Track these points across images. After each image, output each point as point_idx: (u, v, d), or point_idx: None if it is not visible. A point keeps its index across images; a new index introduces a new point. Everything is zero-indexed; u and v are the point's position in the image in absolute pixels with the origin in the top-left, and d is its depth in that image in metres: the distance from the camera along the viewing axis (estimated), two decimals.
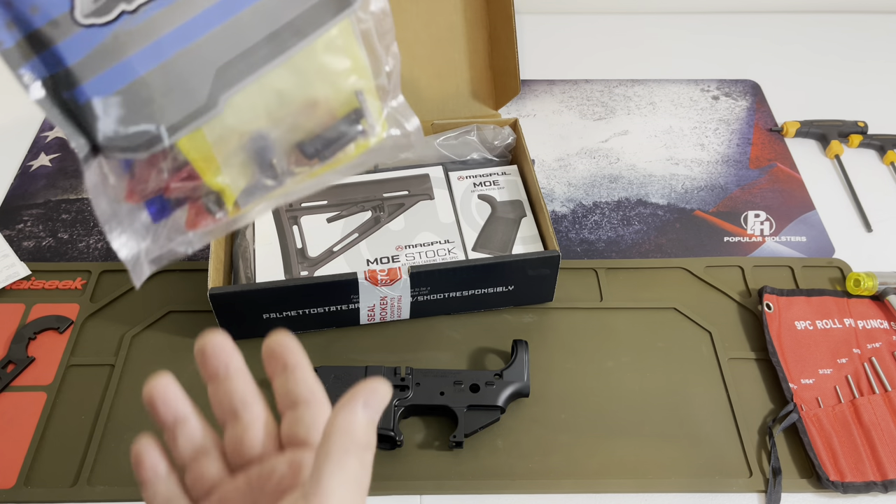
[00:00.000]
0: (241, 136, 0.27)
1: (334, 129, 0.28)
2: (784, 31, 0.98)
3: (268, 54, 0.26)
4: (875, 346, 0.62)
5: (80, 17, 0.24)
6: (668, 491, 0.54)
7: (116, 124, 0.25)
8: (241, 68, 0.25)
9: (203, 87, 0.25)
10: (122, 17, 0.24)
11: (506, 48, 0.73)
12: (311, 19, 0.26)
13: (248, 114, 0.26)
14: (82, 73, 0.24)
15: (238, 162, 0.27)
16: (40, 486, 0.54)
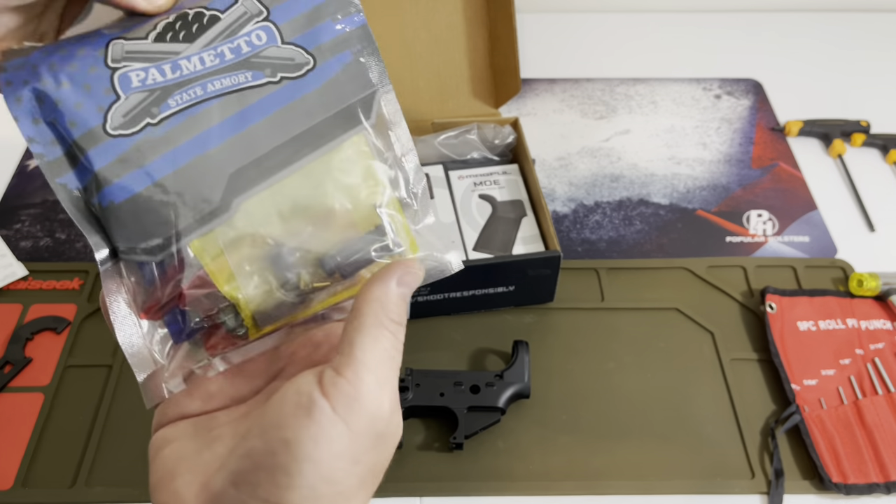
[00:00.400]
0: (254, 243, 0.27)
1: (355, 244, 0.27)
2: (786, 30, 0.97)
3: (279, 163, 0.27)
4: (878, 346, 0.62)
5: (110, 129, 0.26)
6: (669, 492, 0.54)
7: (133, 227, 0.26)
8: (253, 174, 0.27)
9: (216, 192, 0.26)
10: (146, 129, 0.26)
11: (506, 47, 0.72)
12: (322, 133, 0.27)
13: (262, 220, 0.27)
14: (105, 178, 0.26)
15: (254, 271, 0.27)
16: (38, 488, 0.53)
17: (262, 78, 0.27)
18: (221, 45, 0.27)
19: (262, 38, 0.27)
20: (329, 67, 0.28)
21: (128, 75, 0.26)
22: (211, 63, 0.27)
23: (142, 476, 0.54)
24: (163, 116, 0.26)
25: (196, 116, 0.26)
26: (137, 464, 0.55)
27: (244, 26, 0.27)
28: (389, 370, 0.25)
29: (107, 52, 0.27)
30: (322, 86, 0.28)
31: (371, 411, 0.24)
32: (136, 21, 0.28)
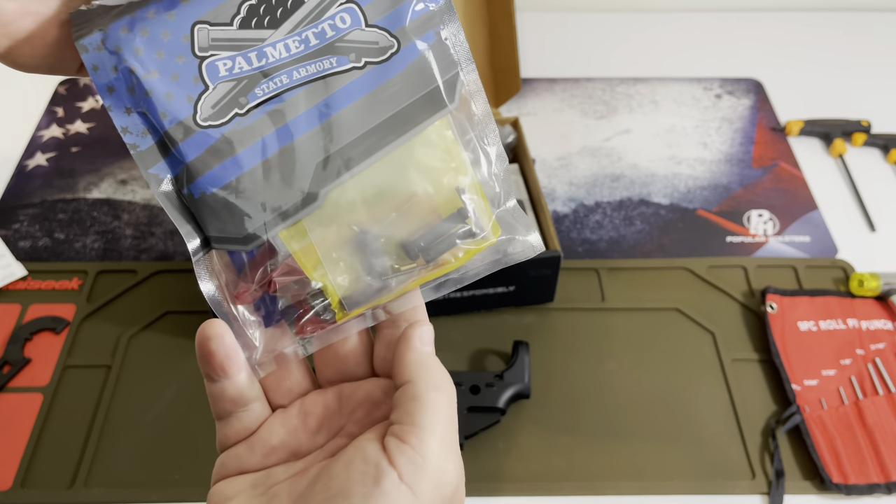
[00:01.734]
0: (340, 230, 0.27)
1: (438, 229, 0.28)
2: (787, 30, 0.97)
3: (365, 151, 0.27)
4: (879, 346, 0.62)
5: (200, 121, 0.26)
6: (669, 493, 0.54)
7: (224, 217, 0.27)
8: (339, 163, 0.27)
9: (303, 182, 0.27)
10: (234, 119, 0.26)
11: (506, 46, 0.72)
12: (406, 118, 0.28)
13: (347, 207, 0.27)
14: (197, 169, 0.26)
15: (340, 258, 0.27)
16: (37, 489, 0.53)
17: (346, 63, 0.27)
18: (306, 30, 0.27)
19: (346, 22, 0.27)
20: (413, 50, 0.27)
21: (215, 64, 0.26)
22: (296, 50, 0.27)
23: (140, 477, 0.54)
24: (251, 106, 0.26)
25: (283, 106, 0.26)
26: (136, 464, 0.55)
27: (328, 9, 0.27)
28: (451, 432, 0.25)
29: (193, 38, 0.26)
30: (406, 69, 0.27)
31: (437, 477, 0.24)
32: None
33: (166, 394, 0.59)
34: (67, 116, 0.83)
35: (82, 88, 0.86)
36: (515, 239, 0.30)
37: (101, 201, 0.74)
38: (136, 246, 0.70)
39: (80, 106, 0.84)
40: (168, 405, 0.58)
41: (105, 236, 0.70)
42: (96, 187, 0.76)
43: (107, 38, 0.26)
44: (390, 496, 0.23)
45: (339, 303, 0.28)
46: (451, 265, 0.29)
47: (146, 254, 0.69)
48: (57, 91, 0.86)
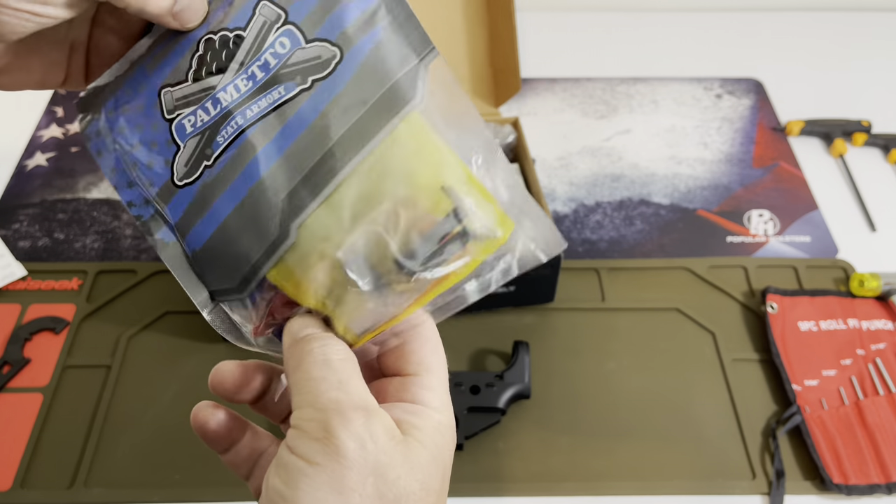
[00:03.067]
0: (323, 260, 0.26)
1: (429, 236, 0.25)
2: (788, 30, 0.97)
3: (328, 172, 0.26)
4: (879, 346, 0.62)
5: (178, 181, 0.27)
6: (670, 493, 0.54)
7: (216, 270, 0.27)
8: (305, 193, 0.26)
9: (274, 221, 0.26)
10: (205, 172, 0.27)
11: (506, 45, 0.72)
12: (365, 127, 0.26)
13: (323, 235, 0.26)
14: (184, 229, 0.27)
15: (331, 284, 0.26)
16: (37, 489, 0.53)
17: (294, 88, 0.26)
18: (251, 65, 0.27)
19: (286, 46, 0.26)
20: (358, 52, 0.26)
21: (182, 123, 0.27)
22: (245, 88, 0.27)
23: (140, 477, 0.54)
24: (216, 156, 0.27)
25: (242, 146, 0.26)
26: (136, 464, 0.55)
27: (267, 38, 0.26)
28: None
29: (161, 103, 0.28)
30: (354, 75, 0.26)
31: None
32: (168, 47, 0.28)
33: (166, 394, 0.58)
34: (67, 116, 0.83)
35: None
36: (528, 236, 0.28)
37: (101, 201, 0.74)
38: (136, 246, 0.70)
39: None
40: (168, 405, 0.58)
41: (105, 236, 0.70)
42: (96, 187, 0.75)
43: (100, 123, 0.28)
44: None
45: (345, 328, 0.27)
46: (456, 276, 0.26)
47: (146, 254, 0.69)
48: (57, 91, 0.86)
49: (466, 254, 0.26)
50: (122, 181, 0.28)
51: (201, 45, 0.27)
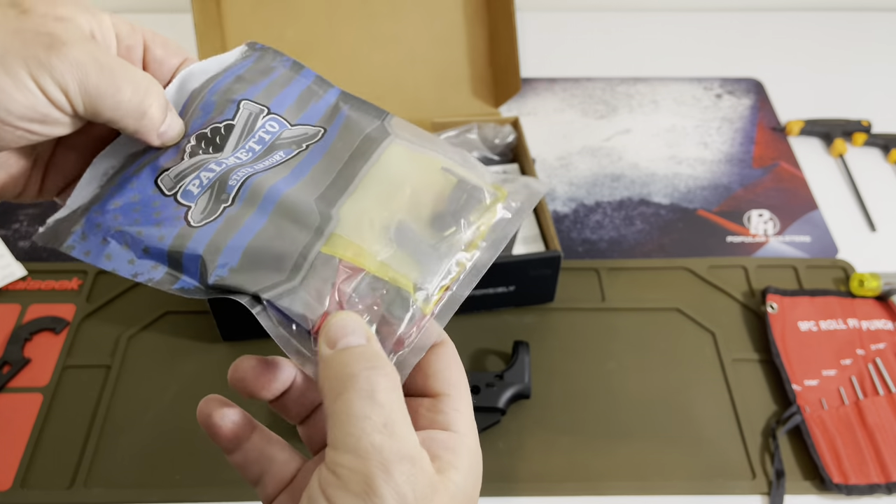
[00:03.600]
0: (371, 225, 0.29)
1: (453, 198, 0.30)
2: (787, 29, 0.97)
3: (347, 178, 0.30)
4: (879, 346, 0.62)
5: (195, 223, 0.28)
6: (670, 493, 0.54)
7: (261, 268, 0.28)
8: (333, 192, 0.29)
9: (313, 213, 0.29)
10: (225, 211, 0.28)
11: (506, 45, 0.72)
12: (363, 150, 0.31)
13: (364, 210, 0.29)
14: (214, 250, 0.28)
15: (385, 245, 0.28)
16: (36, 489, 0.53)
17: (292, 152, 0.31)
18: (246, 142, 0.30)
19: (275, 127, 0.31)
20: (336, 126, 0.32)
21: (187, 189, 0.29)
22: (246, 157, 0.30)
23: (140, 477, 0.54)
24: (233, 195, 0.28)
25: (257, 184, 0.29)
26: (136, 464, 0.54)
27: (256, 122, 0.31)
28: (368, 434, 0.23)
29: (159, 188, 0.29)
30: (338, 136, 0.31)
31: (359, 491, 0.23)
32: (154, 152, 0.30)
33: (166, 394, 0.58)
34: None
35: None
36: (528, 185, 0.32)
37: None
38: None
39: None
40: (168, 405, 0.58)
41: None
42: None
43: (85, 228, 0.28)
44: None
45: (413, 287, 0.27)
46: (481, 235, 0.30)
47: None
48: None
49: (482, 213, 0.30)
50: (120, 263, 0.28)
51: (192, 139, 0.30)
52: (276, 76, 0.33)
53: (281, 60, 0.34)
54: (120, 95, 0.27)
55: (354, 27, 0.74)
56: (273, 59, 0.33)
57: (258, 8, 0.72)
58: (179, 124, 0.30)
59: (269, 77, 0.33)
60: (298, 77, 0.33)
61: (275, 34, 0.73)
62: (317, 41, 0.73)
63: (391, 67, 0.75)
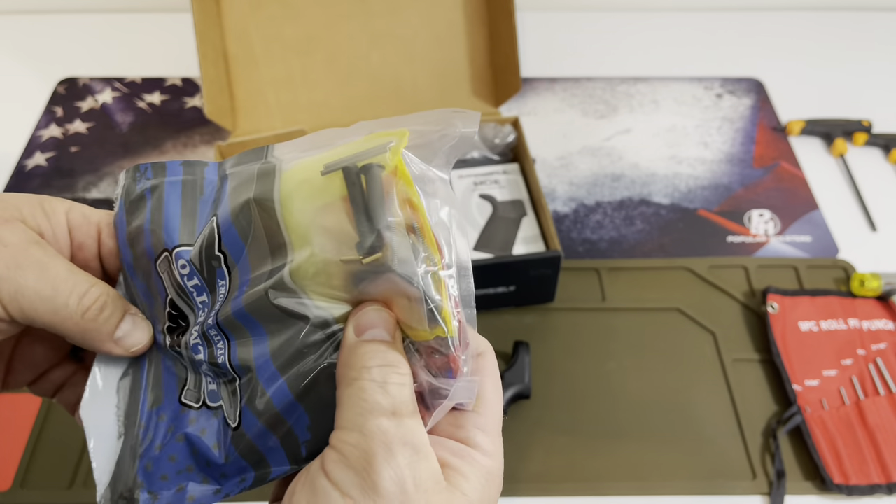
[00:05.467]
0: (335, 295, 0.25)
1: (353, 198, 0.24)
2: (788, 29, 0.97)
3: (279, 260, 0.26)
4: (880, 346, 0.62)
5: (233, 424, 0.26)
6: (670, 493, 0.54)
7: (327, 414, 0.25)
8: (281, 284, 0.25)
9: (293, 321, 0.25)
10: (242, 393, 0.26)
11: (506, 45, 0.72)
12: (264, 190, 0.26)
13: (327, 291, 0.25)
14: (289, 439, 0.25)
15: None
16: (36, 489, 0.53)
17: (224, 274, 0.27)
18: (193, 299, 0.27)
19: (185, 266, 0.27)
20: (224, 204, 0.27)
21: (210, 391, 0.27)
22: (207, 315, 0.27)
23: None
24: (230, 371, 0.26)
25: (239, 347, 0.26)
26: None
27: (175, 275, 0.27)
28: (374, 418, 0.23)
29: (187, 405, 0.27)
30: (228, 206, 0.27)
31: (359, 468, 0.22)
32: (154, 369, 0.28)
33: None
34: (67, 116, 0.83)
35: (81, 88, 0.86)
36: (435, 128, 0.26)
37: (101, 201, 0.74)
38: None
39: (79, 106, 0.84)
40: None
41: None
42: (95, 187, 0.75)
43: (150, 487, 0.26)
44: None
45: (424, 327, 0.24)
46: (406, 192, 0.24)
47: None
48: (56, 91, 0.86)
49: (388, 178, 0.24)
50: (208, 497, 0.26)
51: (167, 336, 0.28)
52: (148, 204, 0.28)
53: (143, 176, 0.29)
54: (58, 300, 0.25)
55: (354, 26, 0.73)
56: (135, 183, 0.29)
57: (258, 7, 0.72)
58: (143, 327, 0.28)
59: (145, 212, 0.28)
60: (167, 181, 0.28)
61: (274, 33, 0.73)
62: (316, 41, 0.73)
63: (391, 67, 0.75)
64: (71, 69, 0.88)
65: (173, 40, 0.89)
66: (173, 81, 0.87)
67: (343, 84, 0.74)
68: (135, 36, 0.92)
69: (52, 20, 0.93)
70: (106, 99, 0.85)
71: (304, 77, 0.74)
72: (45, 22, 0.93)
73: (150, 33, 0.92)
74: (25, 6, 0.94)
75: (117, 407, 0.27)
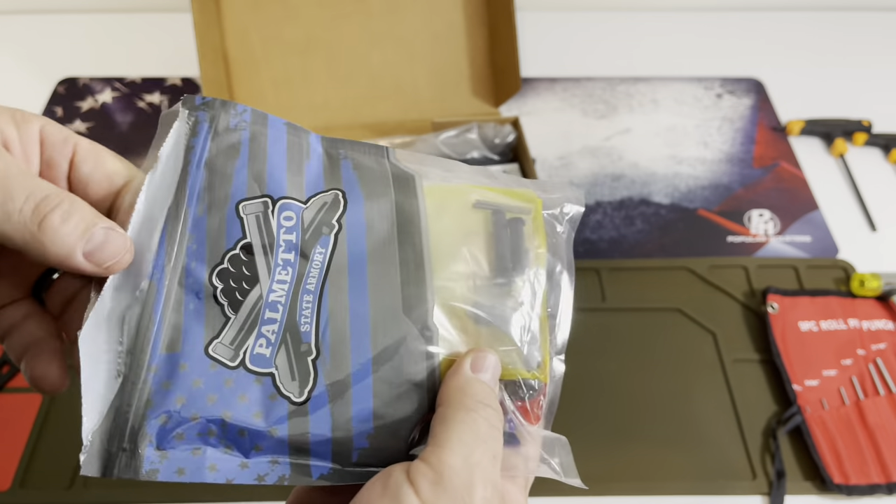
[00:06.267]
0: (462, 324, 0.27)
1: (498, 241, 0.28)
2: (788, 29, 0.97)
3: (416, 266, 0.26)
4: (880, 346, 0.62)
5: (300, 400, 0.24)
6: (670, 493, 0.54)
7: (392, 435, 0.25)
8: (412, 294, 0.26)
9: (414, 342, 0.25)
10: (318, 366, 0.25)
11: (506, 45, 0.72)
12: (408, 214, 0.27)
13: (451, 314, 0.27)
14: (344, 430, 0.24)
15: (484, 339, 0.27)
16: (36, 489, 0.53)
17: (328, 242, 0.26)
18: (276, 256, 0.25)
19: (292, 218, 0.26)
20: (350, 182, 0.27)
21: (257, 354, 0.24)
22: (288, 276, 0.25)
23: None
24: (314, 344, 0.25)
25: (333, 316, 0.25)
26: None
27: (270, 224, 0.26)
28: (482, 453, 0.23)
29: (219, 361, 0.24)
30: (364, 195, 0.27)
31: (458, 494, 0.22)
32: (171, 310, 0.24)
33: None
34: (67, 116, 0.83)
35: (81, 88, 0.86)
36: (554, 193, 0.31)
37: None
38: None
39: (79, 105, 0.84)
40: None
41: None
42: None
43: (158, 442, 0.23)
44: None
45: (526, 371, 0.27)
46: (539, 250, 0.29)
47: None
48: (56, 91, 0.86)
49: (529, 234, 0.29)
50: (233, 470, 0.23)
51: (215, 280, 0.25)
52: (246, 146, 0.26)
53: (239, 116, 0.27)
54: (10, 205, 0.22)
55: (354, 26, 0.73)
56: (228, 117, 0.27)
57: (257, 7, 0.72)
58: (120, 242, 0.24)
59: (241, 152, 0.26)
60: (270, 132, 0.27)
61: (274, 33, 0.73)
62: (316, 41, 0.73)
63: (391, 67, 0.75)
64: (71, 69, 0.88)
65: (173, 40, 0.89)
66: (173, 81, 0.87)
67: (343, 84, 0.74)
68: (135, 36, 0.92)
69: (52, 20, 0.93)
70: (106, 99, 0.85)
71: (303, 77, 0.74)
72: (45, 22, 0.93)
73: (151, 33, 0.92)
74: (25, 6, 0.94)
75: (119, 343, 0.24)
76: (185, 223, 0.25)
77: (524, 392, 0.27)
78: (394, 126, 0.72)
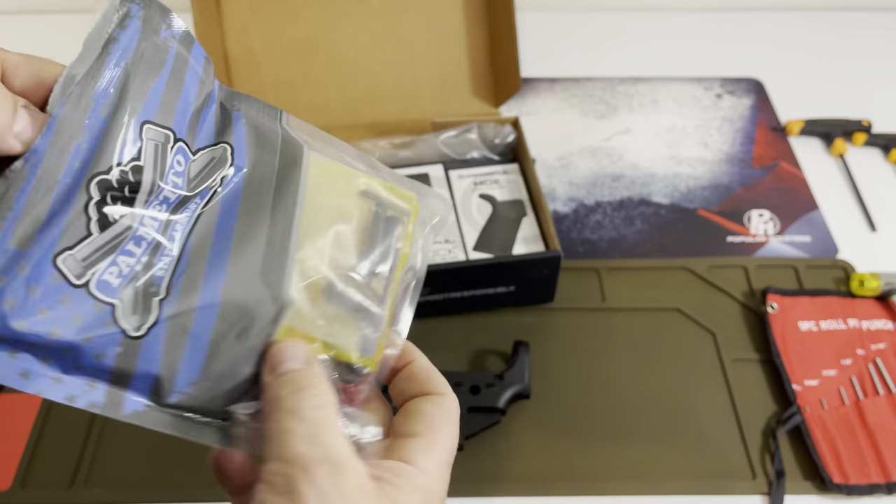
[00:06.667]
0: (315, 299, 0.27)
1: (372, 233, 0.29)
2: (788, 29, 0.97)
3: (283, 231, 0.27)
4: (879, 346, 0.62)
5: (136, 333, 0.24)
6: (670, 493, 0.54)
7: (219, 387, 0.26)
8: (273, 262, 0.26)
9: (263, 306, 0.25)
10: (163, 307, 0.24)
11: (506, 45, 0.72)
12: (286, 182, 0.27)
13: (307, 289, 0.27)
14: (169, 372, 0.25)
15: (330, 320, 0.27)
16: (36, 489, 0.53)
17: (207, 193, 0.26)
18: (158, 193, 0.25)
19: (181, 164, 0.26)
20: (239, 137, 0.27)
21: (103, 280, 0.23)
22: (161, 214, 0.25)
23: (140, 477, 0.54)
24: (165, 286, 0.24)
25: (189, 267, 0.25)
26: (136, 464, 0.54)
27: (165, 160, 0.25)
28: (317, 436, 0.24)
29: (62, 272, 0.22)
30: (249, 154, 0.27)
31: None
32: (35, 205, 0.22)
33: None
34: None
35: None
36: (428, 199, 0.32)
37: None
38: None
39: None
40: None
41: None
42: None
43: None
44: None
45: (359, 357, 0.28)
46: (404, 254, 0.30)
47: None
48: None
49: (401, 235, 0.30)
50: (44, 383, 0.22)
51: (93, 188, 0.23)
52: (168, 69, 0.25)
53: (170, 30, 0.26)
54: None
55: (354, 27, 0.74)
56: (160, 26, 0.26)
57: (257, 7, 0.72)
58: (39, 119, 0.23)
59: (162, 73, 0.25)
60: (192, 62, 0.26)
61: (274, 34, 0.73)
62: (316, 41, 0.73)
63: (391, 67, 0.75)
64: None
65: None
66: None
67: (343, 85, 0.74)
68: None
69: (53, 20, 0.94)
70: None
71: (304, 78, 0.74)
72: (46, 22, 0.93)
73: None
74: (25, 6, 0.94)
75: None
76: (83, 114, 0.23)
77: (353, 376, 0.28)
78: (394, 126, 0.72)
